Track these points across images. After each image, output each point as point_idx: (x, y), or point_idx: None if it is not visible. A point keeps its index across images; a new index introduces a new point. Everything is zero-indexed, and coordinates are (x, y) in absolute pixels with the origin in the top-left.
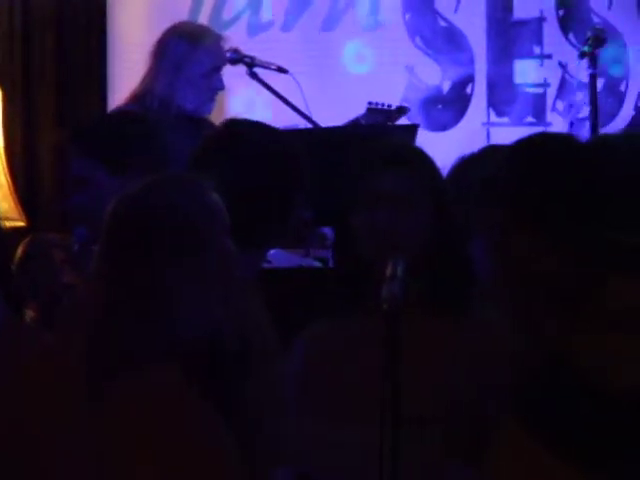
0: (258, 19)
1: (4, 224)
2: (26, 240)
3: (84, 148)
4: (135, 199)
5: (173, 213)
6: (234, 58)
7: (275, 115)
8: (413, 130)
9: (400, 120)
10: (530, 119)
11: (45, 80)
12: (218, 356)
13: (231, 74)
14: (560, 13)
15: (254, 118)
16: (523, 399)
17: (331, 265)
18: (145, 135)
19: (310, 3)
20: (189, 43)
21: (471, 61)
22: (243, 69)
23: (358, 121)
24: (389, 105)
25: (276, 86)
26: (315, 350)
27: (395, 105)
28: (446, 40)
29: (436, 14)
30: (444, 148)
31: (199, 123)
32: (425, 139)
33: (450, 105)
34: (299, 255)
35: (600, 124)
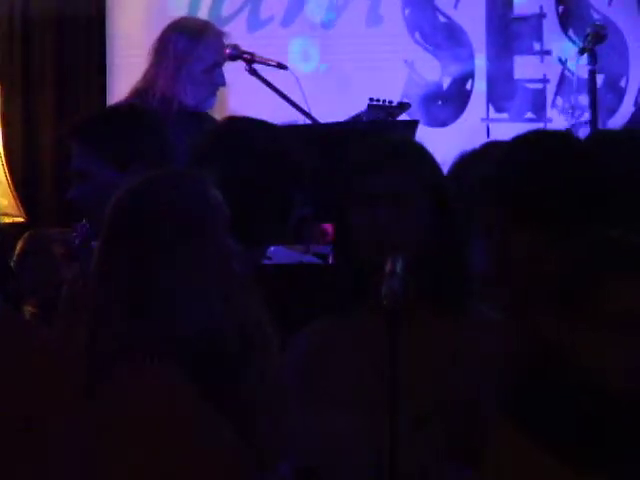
0: (258, 15)
1: (4, 220)
2: (25, 236)
3: (85, 143)
4: (137, 193)
5: (175, 208)
6: (233, 54)
7: (274, 111)
8: (413, 126)
9: (401, 116)
10: (530, 115)
11: (45, 80)
12: (218, 352)
13: (231, 70)
14: (560, 9)
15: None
16: (521, 399)
17: (331, 261)
18: (146, 130)
19: None
20: (190, 39)
21: (471, 57)
22: (242, 65)
23: (359, 117)
24: (390, 101)
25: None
26: (316, 346)
27: (396, 101)
28: (446, 36)
29: (436, 10)
30: (444, 144)
31: (200, 118)
32: (425, 135)
33: (450, 101)
34: (299, 251)
35: (600, 120)
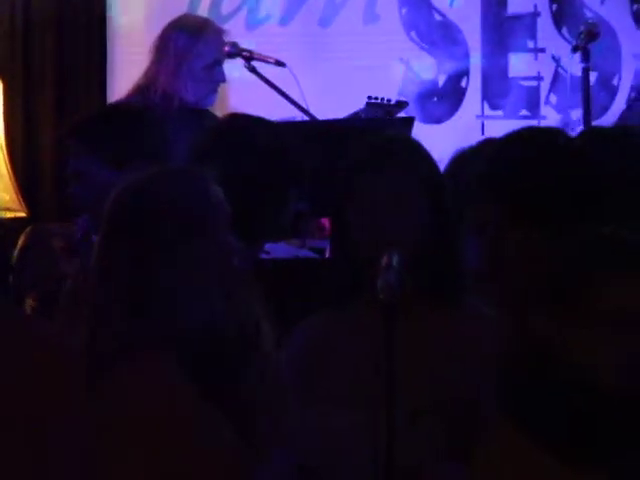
0: (256, 13)
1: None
2: (27, 230)
3: (82, 144)
4: (137, 189)
5: (175, 205)
6: (232, 52)
7: (273, 108)
8: (409, 123)
9: (399, 114)
10: (524, 112)
11: (45, 77)
12: (218, 351)
13: (231, 67)
14: (553, 8)
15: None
16: (513, 395)
17: (328, 256)
18: (143, 129)
19: None
20: (191, 36)
21: (466, 55)
22: (242, 62)
23: (358, 115)
24: (389, 99)
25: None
26: (313, 341)
27: (394, 99)
28: (441, 34)
29: (432, 8)
30: (439, 140)
31: (201, 115)
32: (420, 131)
33: (445, 98)
34: (296, 246)
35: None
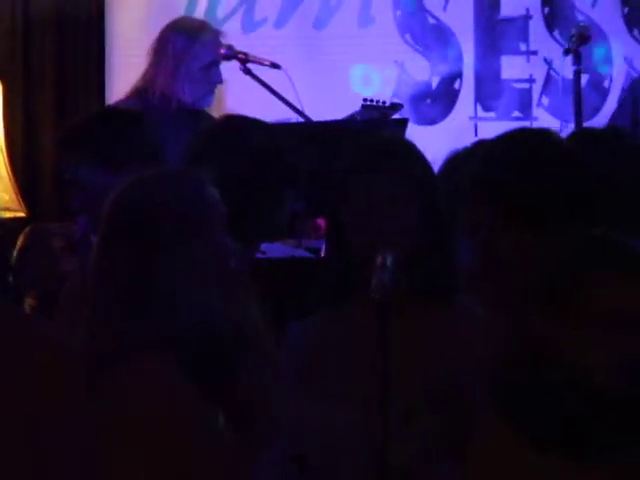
0: (252, 16)
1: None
2: (26, 230)
3: (80, 147)
4: (134, 191)
5: (172, 207)
6: (228, 54)
7: (268, 109)
8: (403, 124)
9: (393, 116)
10: (516, 114)
11: (45, 78)
12: (215, 347)
13: (228, 69)
14: (545, 11)
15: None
16: (507, 395)
17: (323, 256)
18: (140, 131)
19: (302, 0)
20: (188, 38)
21: (459, 57)
22: (237, 65)
23: (354, 117)
24: (384, 102)
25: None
26: (308, 340)
27: (389, 101)
28: (435, 37)
29: (425, 12)
30: (432, 142)
31: (199, 116)
32: (414, 133)
33: (438, 100)
34: (292, 246)
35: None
